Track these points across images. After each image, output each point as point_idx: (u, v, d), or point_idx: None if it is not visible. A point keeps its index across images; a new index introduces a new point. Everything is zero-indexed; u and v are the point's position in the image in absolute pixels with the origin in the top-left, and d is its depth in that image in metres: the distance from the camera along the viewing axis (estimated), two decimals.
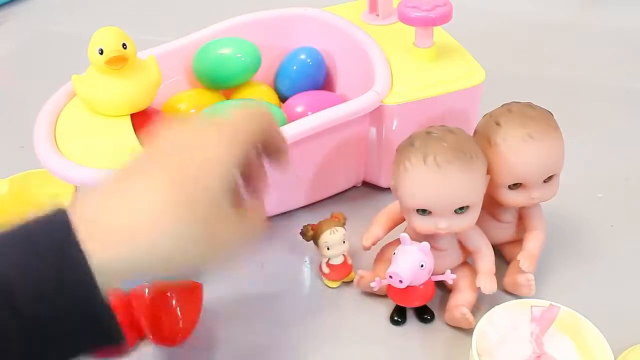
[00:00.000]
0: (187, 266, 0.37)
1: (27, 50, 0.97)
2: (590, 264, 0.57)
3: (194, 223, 0.35)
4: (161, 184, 0.35)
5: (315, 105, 0.60)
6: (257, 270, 0.58)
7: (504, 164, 0.49)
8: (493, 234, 0.54)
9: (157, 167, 0.36)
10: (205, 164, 0.36)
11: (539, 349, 0.45)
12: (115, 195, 0.35)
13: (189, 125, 0.39)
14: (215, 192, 0.36)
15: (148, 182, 0.35)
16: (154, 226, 0.34)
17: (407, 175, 0.47)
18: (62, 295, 0.32)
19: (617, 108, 0.77)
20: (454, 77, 0.60)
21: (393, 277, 0.48)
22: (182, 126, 0.39)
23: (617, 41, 0.90)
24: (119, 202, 0.35)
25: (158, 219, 0.34)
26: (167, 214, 0.34)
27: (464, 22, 0.68)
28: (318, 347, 0.51)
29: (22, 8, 1.09)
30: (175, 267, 0.36)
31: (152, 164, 0.37)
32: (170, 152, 0.37)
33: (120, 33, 0.56)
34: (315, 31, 0.71)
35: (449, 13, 0.58)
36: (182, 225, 0.35)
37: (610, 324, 0.46)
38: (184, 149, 0.37)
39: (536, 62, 0.86)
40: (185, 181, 0.35)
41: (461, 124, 0.53)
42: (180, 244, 0.35)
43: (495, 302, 0.49)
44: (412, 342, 0.51)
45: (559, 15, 0.97)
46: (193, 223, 0.35)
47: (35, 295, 0.31)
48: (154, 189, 0.35)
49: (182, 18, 1.01)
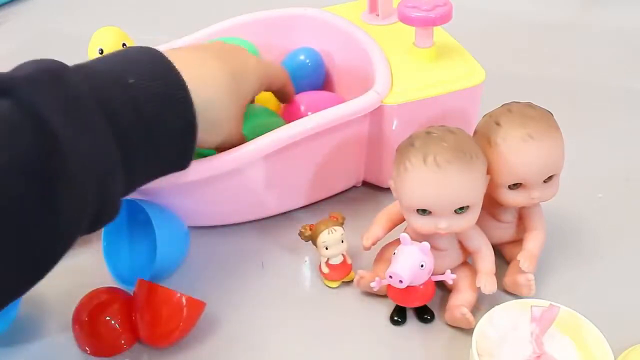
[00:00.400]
0: (224, 130, 0.51)
1: (27, 50, 0.97)
2: (590, 264, 0.57)
3: (236, 100, 0.51)
4: (220, 64, 0.50)
5: (315, 106, 0.60)
6: (257, 270, 0.58)
7: (504, 164, 0.49)
8: (493, 234, 0.54)
9: (215, 55, 0.51)
10: (246, 66, 0.53)
11: (539, 349, 0.45)
12: (190, 58, 0.49)
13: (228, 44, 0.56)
14: (251, 86, 0.54)
15: (212, 61, 0.50)
16: (217, 87, 0.49)
17: (407, 175, 0.47)
18: (166, 99, 0.45)
19: (617, 108, 0.77)
20: (454, 77, 0.60)
21: (393, 277, 0.47)
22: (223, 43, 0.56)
23: (617, 41, 0.90)
24: (193, 61, 0.49)
25: (220, 84, 0.49)
26: (223, 85, 0.50)
27: (464, 22, 0.68)
28: (318, 347, 0.51)
29: (22, 8, 1.09)
30: (219, 128, 0.50)
31: (212, 53, 0.52)
32: (221, 50, 0.53)
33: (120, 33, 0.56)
34: (315, 31, 0.71)
35: (449, 13, 0.58)
36: (232, 98, 0.50)
37: (610, 324, 0.46)
38: (230, 52, 0.53)
39: (536, 62, 0.86)
40: (234, 72, 0.51)
41: (461, 124, 0.53)
42: (227, 110, 0.50)
43: (495, 302, 0.49)
44: (412, 342, 0.51)
45: (559, 15, 0.97)
46: (235, 100, 0.51)
47: (147, 94, 0.44)
48: (215, 67, 0.50)
49: (182, 18, 1.01)
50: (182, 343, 0.51)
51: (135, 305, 0.50)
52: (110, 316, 0.50)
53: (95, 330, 0.50)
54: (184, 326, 0.50)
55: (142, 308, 0.50)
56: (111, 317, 0.50)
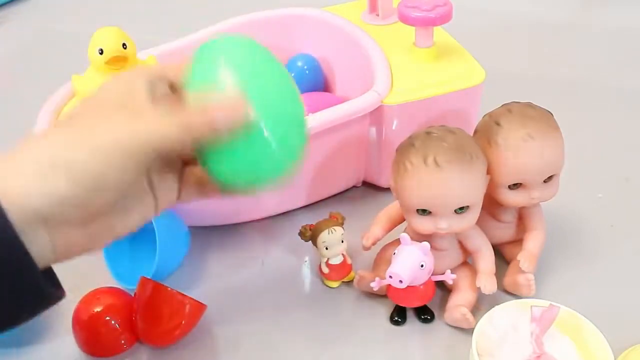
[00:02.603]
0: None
1: (27, 50, 0.97)
2: (590, 264, 0.57)
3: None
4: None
5: (316, 106, 0.60)
6: (257, 270, 0.58)
7: (504, 164, 0.49)
8: (493, 234, 0.54)
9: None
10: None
11: (539, 349, 0.45)
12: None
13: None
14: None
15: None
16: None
17: (407, 175, 0.47)
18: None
19: (617, 108, 0.77)
20: (454, 77, 0.60)
21: (393, 277, 0.47)
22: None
23: (617, 41, 0.90)
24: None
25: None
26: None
27: (464, 22, 0.68)
28: (318, 347, 0.51)
29: (22, 8, 1.09)
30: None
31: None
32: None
33: (120, 33, 0.56)
34: (315, 31, 0.71)
35: (449, 13, 0.58)
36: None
37: (610, 324, 0.46)
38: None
39: (536, 62, 0.86)
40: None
41: (461, 124, 0.53)
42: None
43: (495, 302, 0.49)
44: (412, 342, 0.51)
45: (559, 15, 0.97)
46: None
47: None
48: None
49: (182, 18, 1.01)
50: (182, 343, 0.51)
51: (137, 303, 0.50)
52: (110, 316, 0.50)
53: (95, 330, 0.50)
54: (184, 327, 0.50)
55: (144, 307, 0.50)
56: (111, 317, 0.50)
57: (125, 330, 0.51)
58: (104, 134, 0.33)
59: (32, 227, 0.31)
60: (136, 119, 0.34)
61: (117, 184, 0.33)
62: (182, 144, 0.34)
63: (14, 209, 0.31)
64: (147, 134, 0.33)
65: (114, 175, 0.33)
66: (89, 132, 0.33)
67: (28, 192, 0.31)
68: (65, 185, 0.32)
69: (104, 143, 0.33)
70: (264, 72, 0.37)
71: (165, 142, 0.34)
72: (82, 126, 0.34)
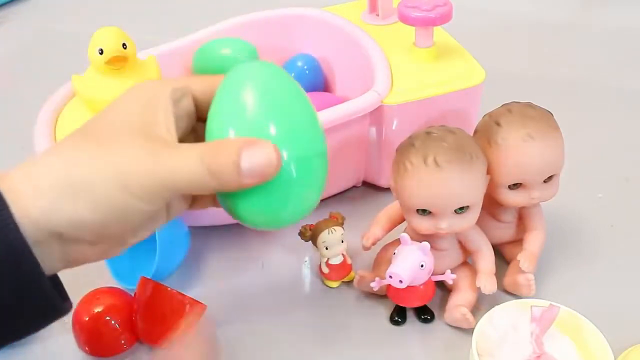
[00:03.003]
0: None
1: (27, 50, 0.97)
2: (590, 264, 0.57)
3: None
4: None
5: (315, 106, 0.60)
6: (257, 270, 0.58)
7: (504, 164, 0.49)
8: (493, 234, 0.54)
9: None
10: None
11: (539, 349, 0.45)
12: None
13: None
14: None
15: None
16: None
17: (408, 175, 0.47)
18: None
19: (617, 108, 0.77)
20: (454, 77, 0.60)
21: (393, 277, 0.47)
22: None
23: (617, 41, 0.90)
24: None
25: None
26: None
27: (464, 22, 0.68)
28: (318, 348, 0.51)
29: (22, 8, 1.09)
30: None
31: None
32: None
33: (120, 33, 0.56)
34: (315, 31, 0.71)
35: (449, 13, 0.58)
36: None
37: (610, 324, 0.46)
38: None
39: (536, 62, 0.86)
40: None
41: (461, 124, 0.53)
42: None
43: (495, 302, 0.49)
44: (412, 342, 0.51)
45: (559, 15, 0.97)
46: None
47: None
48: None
49: (182, 18, 1.01)
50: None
51: (137, 303, 0.50)
52: (110, 316, 0.50)
53: (95, 330, 0.50)
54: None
55: (144, 307, 0.50)
56: (111, 317, 0.50)
57: (125, 330, 0.51)
58: (128, 164, 0.32)
59: (47, 242, 0.31)
60: (161, 153, 0.32)
61: (139, 214, 0.33)
62: (207, 188, 0.33)
63: (32, 228, 0.30)
64: (172, 174, 0.32)
65: (137, 206, 0.32)
66: (110, 156, 0.32)
67: (48, 214, 0.31)
68: (85, 212, 0.31)
69: (126, 174, 0.31)
70: (294, 108, 0.35)
71: (191, 185, 0.32)
72: (102, 146, 0.32)
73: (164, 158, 0.32)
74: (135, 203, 0.32)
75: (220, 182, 0.32)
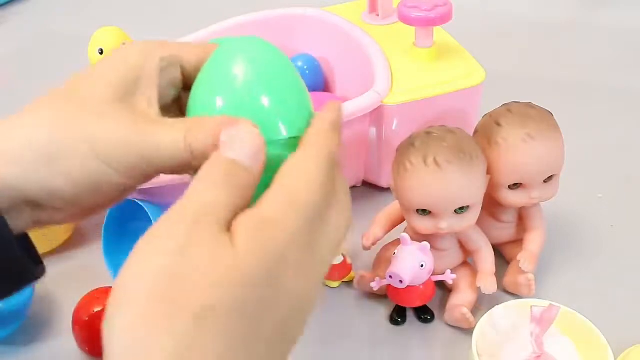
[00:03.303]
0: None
1: (27, 50, 0.97)
2: (590, 264, 0.57)
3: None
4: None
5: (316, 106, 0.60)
6: None
7: (504, 164, 0.49)
8: (493, 234, 0.54)
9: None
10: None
11: (539, 349, 0.45)
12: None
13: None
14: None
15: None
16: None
17: (408, 175, 0.47)
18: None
19: (617, 108, 0.77)
20: (454, 77, 0.60)
21: (393, 277, 0.47)
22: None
23: (617, 41, 0.90)
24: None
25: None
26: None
27: (464, 22, 0.68)
28: (318, 347, 0.51)
29: (22, 8, 1.09)
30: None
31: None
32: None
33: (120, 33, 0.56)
34: (315, 32, 0.71)
35: (449, 13, 0.58)
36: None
37: (610, 324, 0.46)
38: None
39: (536, 62, 0.86)
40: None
41: (461, 124, 0.53)
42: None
43: (495, 302, 0.49)
44: (412, 342, 0.51)
45: (559, 15, 0.97)
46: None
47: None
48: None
49: (182, 18, 1.01)
50: None
51: None
52: None
53: (95, 330, 0.50)
54: None
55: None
56: None
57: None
58: (107, 136, 0.31)
59: (19, 207, 0.31)
60: (143, 127, 0.31)
61: (115, 187, 0.32)
62: (188, 166, 0.31)
63: (4, 194, 0.30)
64: (153, 149, 0.31)
65: (113, 179, 0.31)
66: (90, 124, 0.31)
67: (22, 181, 0.30)
68: (60, 181, 0.30)
69: (105, 146, 0.30)
70: (285, 83, 0.34)
71: (173, 162, 0.31)
72: (82, 111, 0.31)
73: (146, 133, 0.31)
74: (112, 175, 0.31)
75: (201, 162, 0.30)
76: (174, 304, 0.24)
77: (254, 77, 0.32)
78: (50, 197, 0.31)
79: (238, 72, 0.32)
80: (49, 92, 0.33)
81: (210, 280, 0.25)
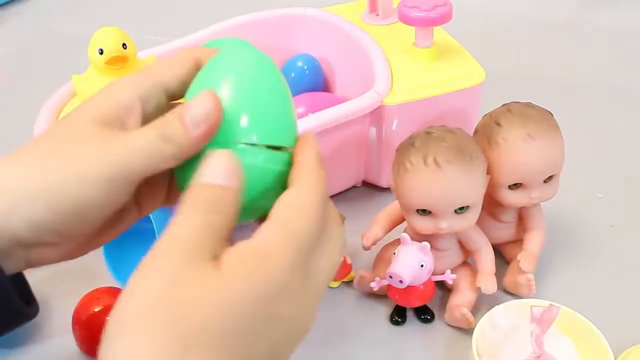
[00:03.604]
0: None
1: (27, 50, 0.97)
2: (590, 264, 0.57)
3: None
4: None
5: (316, 106, 0.60)
6: None
7: (504, 164, 0.49)
8: (493, 234, 0.54)
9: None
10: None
11: (539, 349, 0.45)
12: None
13: None
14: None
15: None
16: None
17: (408, 175, 0.47)
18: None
19: (617, 108, 0.77)
20: (453, 77, 0.60)
21: (393, 277, 0.48)
22: None
23: (617, 41, 0.90)
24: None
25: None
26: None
27: (464, 22, 0.68)
28: (317, 347, 0.51)
29: (22, 8, 1.09)
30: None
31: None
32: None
33: (120, 33, 0.56)
34: (315, 32, 0.71)
35: (449, 13, 0.58)
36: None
37: (610, 324, 0.46)
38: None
39: (536, 62, 0.86)
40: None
41: (461, 124, 0.53)
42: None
43: (495, 302, 0.49)
44: (412, 342, 0.51)
45: (559, 15, 0.97)
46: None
47: None
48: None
49: (182, 18, 1.01)
50: None
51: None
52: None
53: (95, 330, 0.50)
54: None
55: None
56: None
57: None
58: (82, 155, 0.31)
59: (7, 247, 0.31)
60: (116, 136, 0.31)
61: (99, 209, 0.32)
62: (165, 158, 0.31)
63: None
64: (128, 153, 0.31)
65: (95, 200, 0.31)
66: (66, 151, 0.31)
67: (5, 218, 0.30)
68: (43, 212, 0.30)
69: (85, 169, 0.31)
70: (272, 99, 0.34)
71: (150, 160, 0.31)
72: (61, 144, 0.32)
73: (119, 140, 0.31)
74: (93, 196, 0.31)
75: (174, 145, 0.31)
76: (167, 333, 0.26)
77: (231, 84, 0.33)
78: (35, 231, 0.31)
79: (217, 79, 0.33)
80: (34, 137, 0.34)
81: (202, 311, 0.26)
